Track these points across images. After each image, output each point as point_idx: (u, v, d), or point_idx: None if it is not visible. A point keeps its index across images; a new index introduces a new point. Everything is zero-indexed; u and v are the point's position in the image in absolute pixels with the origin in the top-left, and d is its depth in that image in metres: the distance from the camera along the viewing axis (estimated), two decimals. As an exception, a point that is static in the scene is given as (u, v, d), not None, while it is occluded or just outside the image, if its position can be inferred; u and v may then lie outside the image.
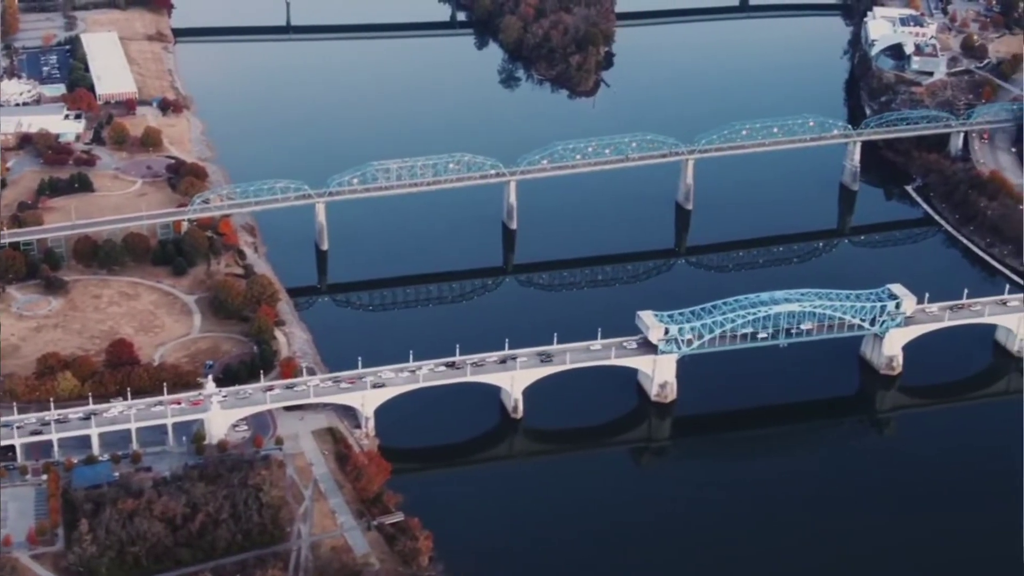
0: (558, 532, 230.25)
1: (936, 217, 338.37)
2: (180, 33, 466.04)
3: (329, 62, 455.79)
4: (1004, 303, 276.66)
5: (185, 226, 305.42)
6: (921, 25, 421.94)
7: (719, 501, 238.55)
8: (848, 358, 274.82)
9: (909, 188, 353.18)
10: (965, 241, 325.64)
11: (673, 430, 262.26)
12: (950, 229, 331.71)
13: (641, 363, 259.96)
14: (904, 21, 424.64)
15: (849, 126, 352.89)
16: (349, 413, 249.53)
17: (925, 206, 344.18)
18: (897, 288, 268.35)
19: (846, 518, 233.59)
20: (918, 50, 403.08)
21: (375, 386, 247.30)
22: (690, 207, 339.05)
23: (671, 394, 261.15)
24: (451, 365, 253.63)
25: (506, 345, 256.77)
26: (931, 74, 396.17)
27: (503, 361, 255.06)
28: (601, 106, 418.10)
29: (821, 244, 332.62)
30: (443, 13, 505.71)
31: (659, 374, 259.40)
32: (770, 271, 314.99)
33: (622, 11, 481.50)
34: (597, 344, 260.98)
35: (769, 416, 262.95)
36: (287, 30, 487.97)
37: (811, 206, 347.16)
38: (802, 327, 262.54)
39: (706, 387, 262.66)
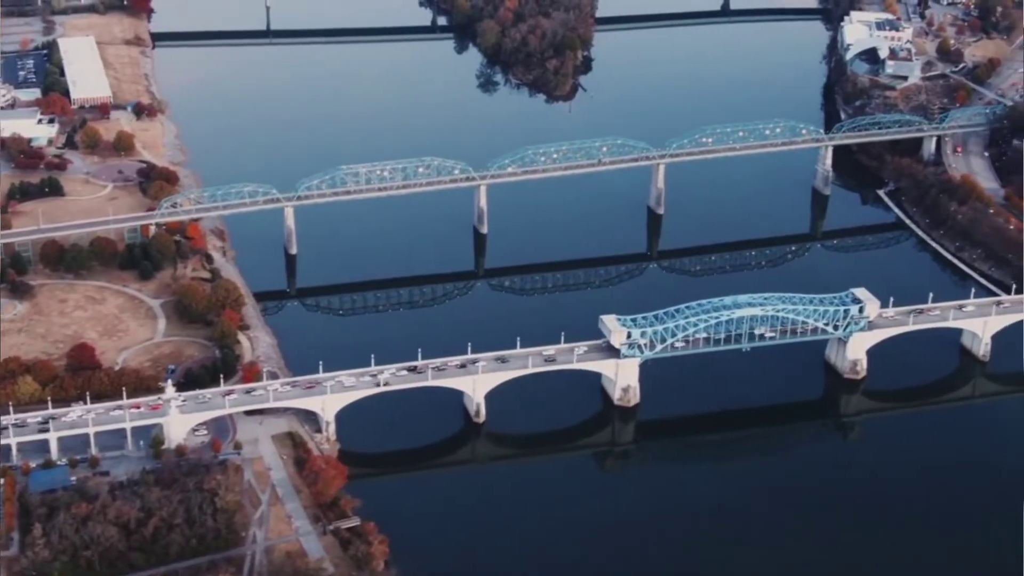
0: (519, 537, 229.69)
1: (907, 221, 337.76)
2: (160, 37, 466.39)
3: (308, 66, 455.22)
4: (967, 307, 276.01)
5: (153, 230, 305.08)
6: (897, 29, 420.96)
7: (682, 505, 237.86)
8: (813, 362, 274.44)
9: (881, 192, 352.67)
10: (935, 245, 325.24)
11: (636, 434, 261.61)
12: (921, 233, 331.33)
13: (604, 367, 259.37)
14: (880, 25, 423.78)
15: (821, 130, 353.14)
16: (311, 418, 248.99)
17: (897, 210, 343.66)
18: (861, 292, 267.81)
19: (810, 522, 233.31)
20: (892, 54, 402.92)
21: (335, 390, 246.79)
22: (661, 211, 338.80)
23: (634, 398, 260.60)
24: (413, 369, 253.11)
25: (469, 349, 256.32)
26: (905, 78, 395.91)
27: (464, 365, 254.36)
28: (578, 110, 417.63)
29: (793, 248, 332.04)
30: (423, 18, 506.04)
31: (622, 378, 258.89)
32: (741, 275, 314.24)
33: (602, 15, 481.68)
34: (560, 348, 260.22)
35: (733, 420, 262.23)
36: (267, 34, 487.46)
37: (783, 210, 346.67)
38: (765, 331, 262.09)
39: (670, 391, 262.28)
